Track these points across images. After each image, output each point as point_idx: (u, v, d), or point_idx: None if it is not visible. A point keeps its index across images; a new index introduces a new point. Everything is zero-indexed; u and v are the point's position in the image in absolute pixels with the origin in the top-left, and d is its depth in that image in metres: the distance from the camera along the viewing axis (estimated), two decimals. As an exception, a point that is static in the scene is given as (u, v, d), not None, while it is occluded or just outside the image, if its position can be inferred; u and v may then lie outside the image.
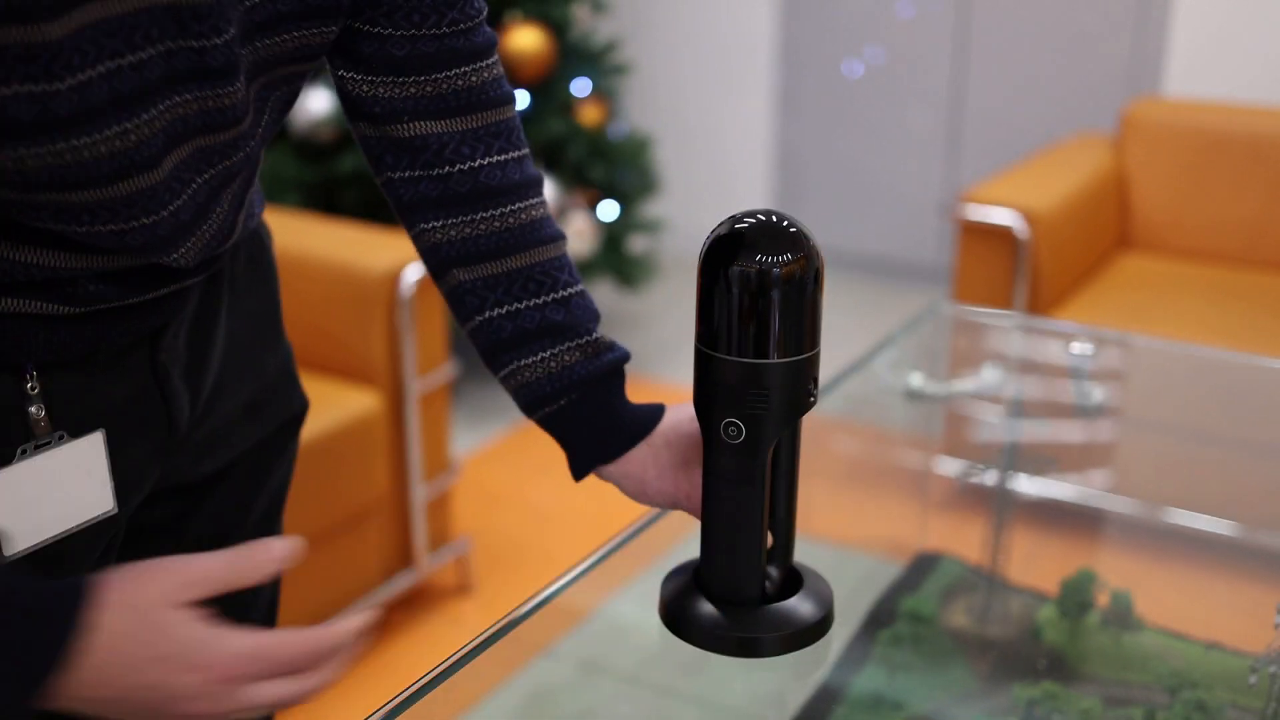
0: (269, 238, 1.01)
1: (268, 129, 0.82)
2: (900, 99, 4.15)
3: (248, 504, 0.99)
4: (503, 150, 0.89)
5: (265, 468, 1.00)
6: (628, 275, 3.47)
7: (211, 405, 0.91)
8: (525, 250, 0.89)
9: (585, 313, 0.91)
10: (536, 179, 0.91)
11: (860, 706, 1.09)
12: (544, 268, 0.90)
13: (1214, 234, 3.08)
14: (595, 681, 1.16)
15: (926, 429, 1.65)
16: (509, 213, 0.89)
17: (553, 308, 0.89)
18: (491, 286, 0.90)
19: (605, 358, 0.91)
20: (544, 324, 0.89)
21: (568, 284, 0.90)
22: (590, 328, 0.91)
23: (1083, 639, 1.18)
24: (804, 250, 0.76)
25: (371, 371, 2.22)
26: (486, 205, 0.88)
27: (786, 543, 0.85)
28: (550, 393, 0.91)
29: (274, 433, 0.99)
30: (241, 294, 0.93)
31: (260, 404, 0.97)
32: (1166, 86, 3.65)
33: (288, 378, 1.01)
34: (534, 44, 3.19)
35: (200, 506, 0.95)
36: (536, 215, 0.90)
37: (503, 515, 2.77)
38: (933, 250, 4.19)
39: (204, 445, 0.91)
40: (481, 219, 0.89)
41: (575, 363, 0.90)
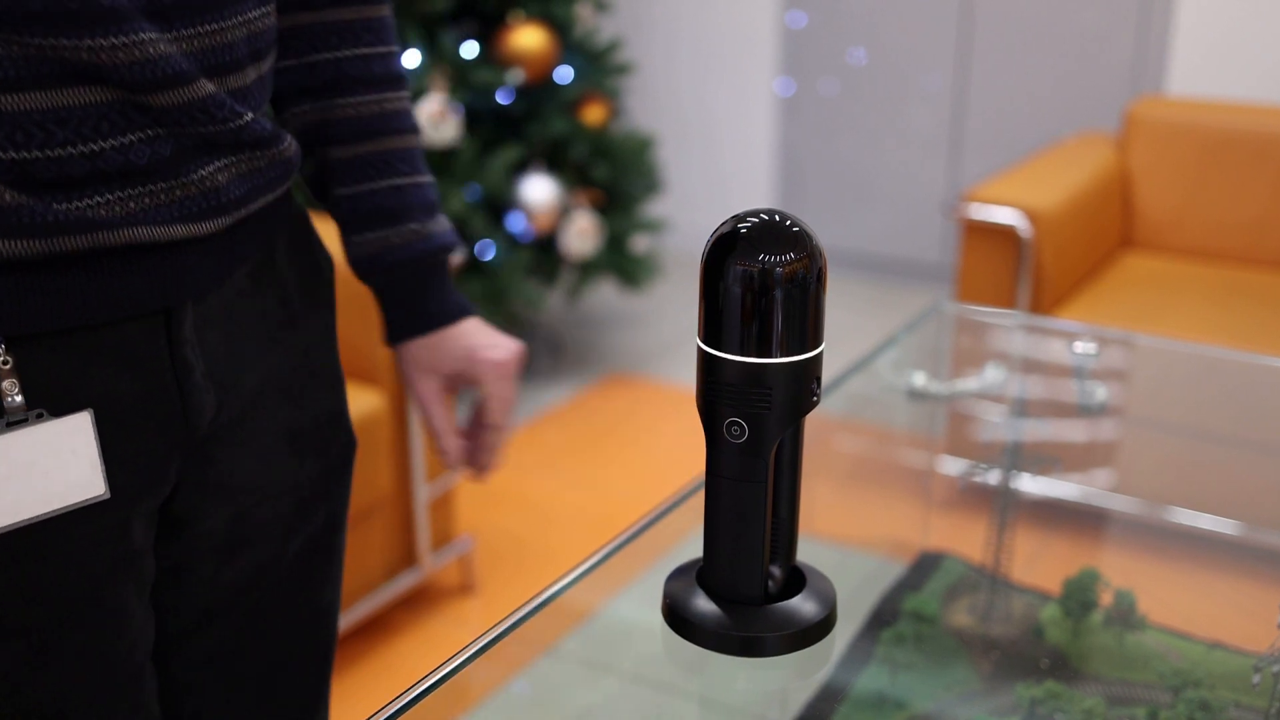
0: (329, 269, 1.02)
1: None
2: (903, 98, 4.14)
3: (278, 547, 0.98)
4: (370, 44, 0.98)
5: (302, 512, 0.98)
6: (630, 274, 3.47)
7: (246, 419, 0.90)
8: (384, 137, 0.99)
9: (428, 200, 1.02)
10: (401, 76, 1.01)
11: (863, 706, 1.09)
12: (400, 154, 1.00)
13: (1217, 233, 3.08)
14: (598, 680, 1.16)
15: (929, 428, 1.65)
16: (370, 101, 0.98)
17: (408, 191, 1.00)
18: (349, 166, 0.99)
19: (435, 242, 1.02)
20: (396, 204, 1.00)
21: (415, 172, 1.01)
22: (419, 216, 1.02)
23: (1086, 638, 1.18)
24: (807, 249, 0.76)
25: (374, 371, 2.22)
26: (349, 93, 0.97)
27: (789, 542, 0.85)
28: (382, 268, 1.02)
29: (320, 472, 0.98)
30: (296, 314, 0.94)
31: (299, 436, 0.96)
32: (1170, 85, 3.65)
33: (336, 418, 1.00)
34: (536, 43, 3.19)
35: (225, 540, 0.93)
36: (397, 108, 1.00)
37: (505, 515, 2.77)
38: (935, 249, 4.19)
39: (233, 460, 0.90)
40: (341, 105, 0.97)
41: (405, 243, 1.01)
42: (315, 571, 1.01)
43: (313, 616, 1.03)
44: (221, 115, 0.81)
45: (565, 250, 3.27)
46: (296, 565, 0.99)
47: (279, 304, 0.92)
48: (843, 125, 4.28)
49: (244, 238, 0.87)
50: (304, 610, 1.02)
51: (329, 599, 1.05)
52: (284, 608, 1.00)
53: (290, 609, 1.00)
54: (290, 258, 0.94)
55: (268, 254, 0.91)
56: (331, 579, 1.04)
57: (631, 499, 2.79)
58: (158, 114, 0.77)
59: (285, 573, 0.98)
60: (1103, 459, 1.69)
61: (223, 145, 0.82)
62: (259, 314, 0.90)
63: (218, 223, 0.82)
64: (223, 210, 0.83)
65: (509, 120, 3.29)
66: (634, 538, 1.07)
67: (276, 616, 0.99)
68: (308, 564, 1.00)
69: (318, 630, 1.04)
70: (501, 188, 3.16)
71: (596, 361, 3.67)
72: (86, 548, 0.81)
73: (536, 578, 2.45)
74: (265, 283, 0.91)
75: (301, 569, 1.00)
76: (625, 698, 1.17)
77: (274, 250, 0.92)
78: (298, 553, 0.99)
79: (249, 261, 0.89)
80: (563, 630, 1.08)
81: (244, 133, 0.83)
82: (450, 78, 3.13)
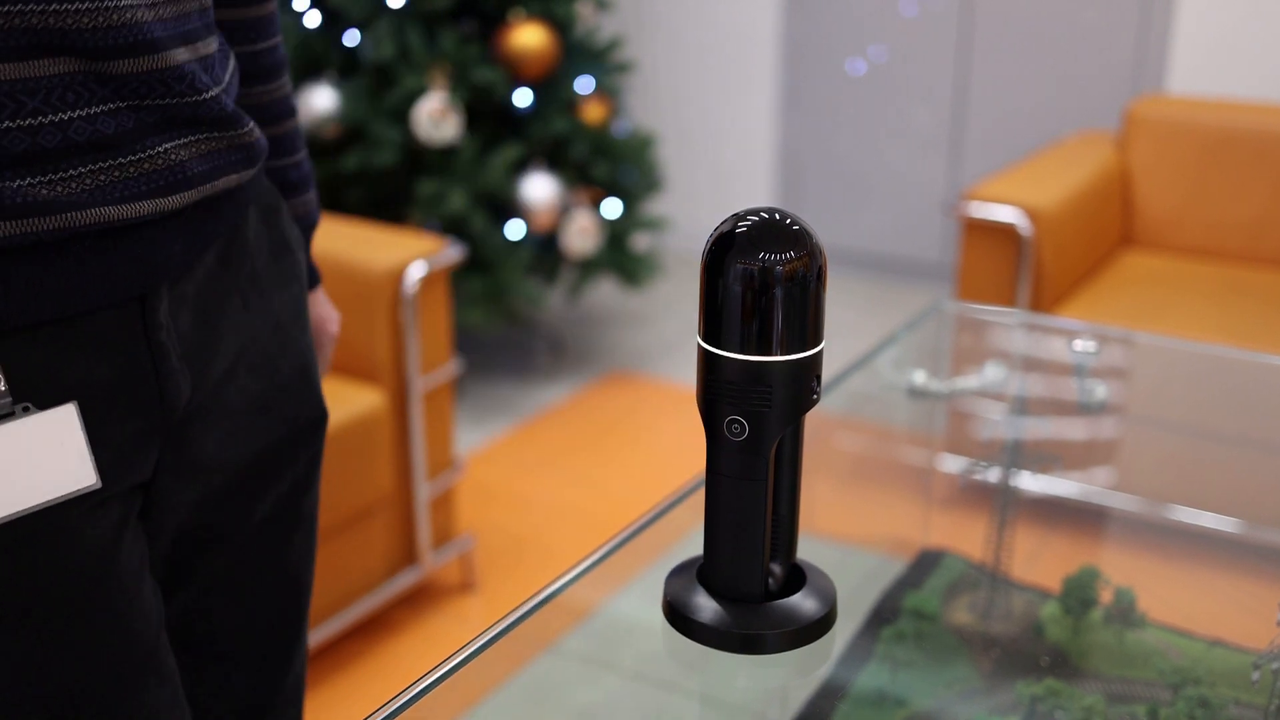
0: (299, 246, 1.05)
1: None
2: (903, 96, 4.14)
3: (243, 511, 0.99)
4: (271, 35, 1.04)
5: (266, 476, 1.00)
6: (631, 273, 3.47)
7: (219, 395, 0.92)
8: (278, 121, 1.06)
9: (308, 176, 1.12)
10: (286, 61, 1.08)
11: (863, 703, 1.09)
12: (289, 136, 1.08)
13: (1218, 231, 3.08)
14: (599, 678, 1.16)
15: (929, 426, 1.65)
16: (272, 89, 1.05)
17: (291, 169, 1.08)
18: None
19: (314, 217, 1.13)
20: (285, 181, 1.08)
21: (300, 149, 1.10)
22: (310, 188, 1.12)
23: (1085, 636, 1.18)
24: (807, 248, 0.76)
25: (375, 369, 2.22)
26: (258, 82, 1.04)
27: (789, 540, 0.86)
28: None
29: (279, 441, 0.99)
30: (265, 290, 0.96)
31: (268, 406, 0.98)
32: (1170, 84, 3.64)
33: (304, 385, 1.02)
34: (537, 42, 3.19)
35: (196, 505, 0.95)
36: (287, 92, 1.08)
37: (506, 512, 2.78)
38: (936, 248, 4.19)
39: (207, 435, 0.92)
40: (251, 94, 1.04)
41: (298, 216, 1.10)
42: (281, 536, 1.03)
43: (281, 583, 1.05)
44: (180, 88, 0.82)
45: (566, 248, 3.27)
46: (263, 529, 1.01)
47: (249, 281, 0.94)
48: (843, 124, 4.28)
49: (211, 218, 0.89)
50: (270, 575, 1.03)
51: (298, 568, 1.06)
52: (250, 572, 1.01)
53: (257, 574, 1.02)
54: (259, 235, 0.97)
55: (236, 233, 0.94)
56: (298, 546, 1.05)
57: (632, 497, 2.79)
58: (120, 85, 0.79)
59: (250, 537, 1.00)
60: (1103, 457, 1.69)
61: (182, 121, 0.84)
62: (229, 293, 0.92)
63: (182, 197, 0.84)
64: (187, 184, 0.84)
65: (509, 119, 3.29)
66: (634, 535, 1.07)
67: (244, 581, 1.01)
68: (274, 528, 1.02)
69: (287, 598, 1.06)
70: (502, 186, 3.16)
71: (597, 360, 3.68)
72: (80, 532, 0.82)
73: (537, 575, 2.45)
74: (234, 261, 0.93)
75: (268, 533, 1.01)
76: (626, 695, 1.18)
77: (242, 228, 0.95)
78: (265, 517, 1.01)
79: (218, 241, 0.91)
80: (563, 628, 1.08)
81: (203, 109, 0.85)
82: (451, 76, 3.13)
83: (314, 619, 2.13)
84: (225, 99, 0.88)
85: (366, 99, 3.16)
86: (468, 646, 0.91)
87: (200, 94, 0.84)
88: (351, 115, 3.15)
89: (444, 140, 3.09)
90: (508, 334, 3.70)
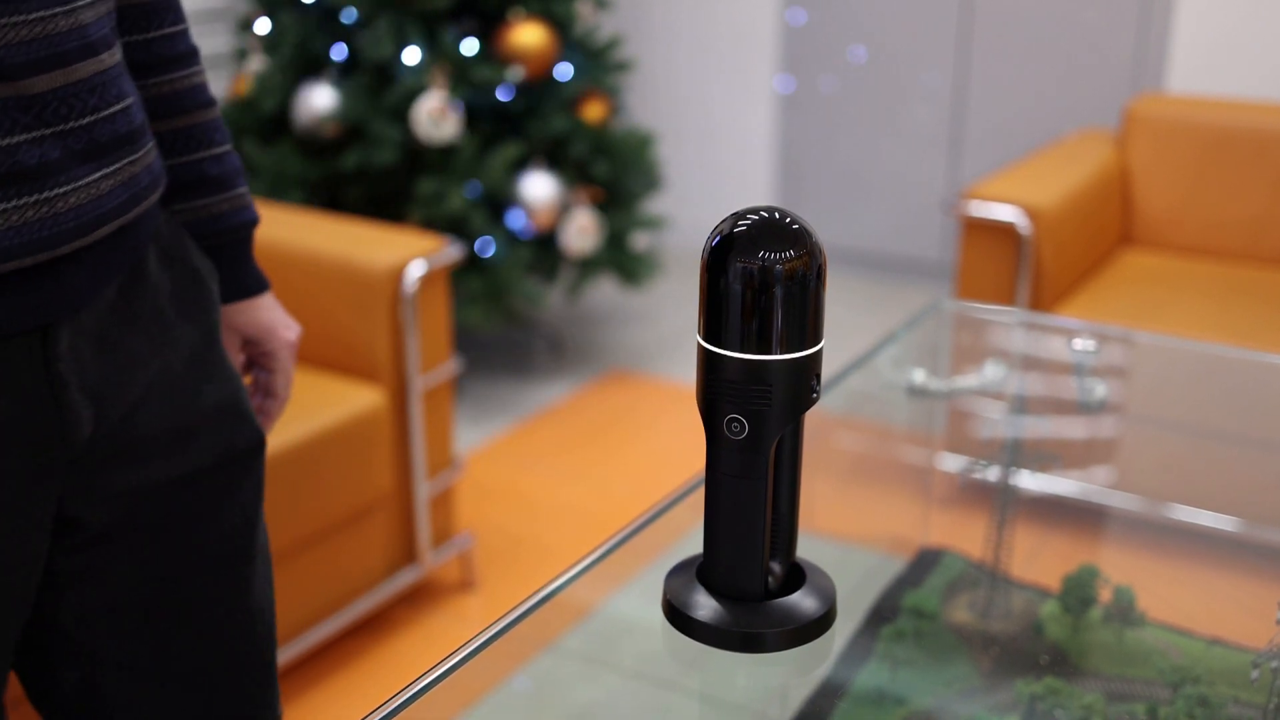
0: (211, 277, 1.02)
1: None
2: (902, 95, 4.14)
3: (188, 546, 0.97)
4: (173, 23, 1.01)
5: (207, 507, 0.98)
6: (630, 272, 3.47)
7: (129, 424, 0.90)
8: (189, 112, 1.02)
9: (234, 170, 1.06)
10: (196, 50, 1.04)
11: (863, 702, 1.09)
12: (204, 128, 1.03)
13: (1217, 230, 3.08)
14: (598, 677, 1.16)
15: (929, 425, 1.65)
16: (177, 79, 1.01)
17: (209, 163, 1.03)
18: (160, 142, 1.00)
19: (246, 215, 1.07)
20: (202, 176, 1.03)
21: (221, 142, 1.05)
22: (238, 183, 1.06)
23: (1085, 635, 1.18)
24: (806, 247, 0.76)
25: (375, 368, 2.22)
26: (157, 72, 1.00)
27: (789, 538, 0.86)
28: (200, 235, 1.03)
29: (211, 468, 0.98)
30: (171, 323, 0.94)
31: (191, 433, 0.95)
32: (1170, 82, 3.64)
33: (232, 412, 1.00)
34: (536, 40, 3.19)
35: (126, 540, 0.94)
36: (197, 82, 1.03)
37: (506, 511, 2.78)
38: (935, 247, 4.19)
39: (118, 464, 0.90)
40: (154, 84, 1.00)
41: (223, 213, 1.05)
42: (234, 571, 1.01)
43: (241, 621, 1.03)
44: (94, 103, 0.82)
45: (565, 247, 3.27)
46: (213, 564, 0.99)
47: (153, 315, 0.92)
48: (843, 122, 4.28)
49: (117, 251, 0.88)
50: (227, 612, 1.02)
51: (258, 602, 1.04)
52: (205, 610, 1.00)
53: (213, 611, 1.00)
54: (162, 268, 0.95)
55: (138, 266, 0.92)
56: (252, 579, 1.03)
57: (632, 496, 2.79)
58: (40, 109, 0.77)
59: (199, 571, 0.98)
60: (1102, 456, 1.69)
61: (103, 145, 0.82)
62: (132, 324, 0.90)
63: (99, 233, 0.83)
64: (104, 219, 0.83)
65: (509, 117, 3.29)
66: (634, 534, 1.07)
67: (200, 619, 1.00)
68: (226, 563, 1.01)
69: (251, 634, 1.04)
70: (502, 185, 3.16)
71: (596, 358, 3.68)
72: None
73: (537, 574, 2.45)
74: (137, 295, 0.91)
75: (219, 568, 1.00)
76: (626, 694, 1.18)
77: (144, 262, 0.92)
78: (213, 552, 0.99)
79: (121, 274, 0.89)
80: (563, 626, 1.08)
81: (120, 122, 0.84)
82: (450, 75, 3.13)
83: (314, 617, 2.13)
84: (136, 108, 0.87)
85: (366, 98, 3.16)
86: (467, 645, 0.91)
87: (113, 105, 0.83)
88: (351, 114, 3.15)
89: (444, 139, 3.09)
90: (507, 333, 3.70)
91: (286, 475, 2.01)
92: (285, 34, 3.21)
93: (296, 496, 2.05)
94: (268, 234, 2.36)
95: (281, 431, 2.02)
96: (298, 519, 2.06)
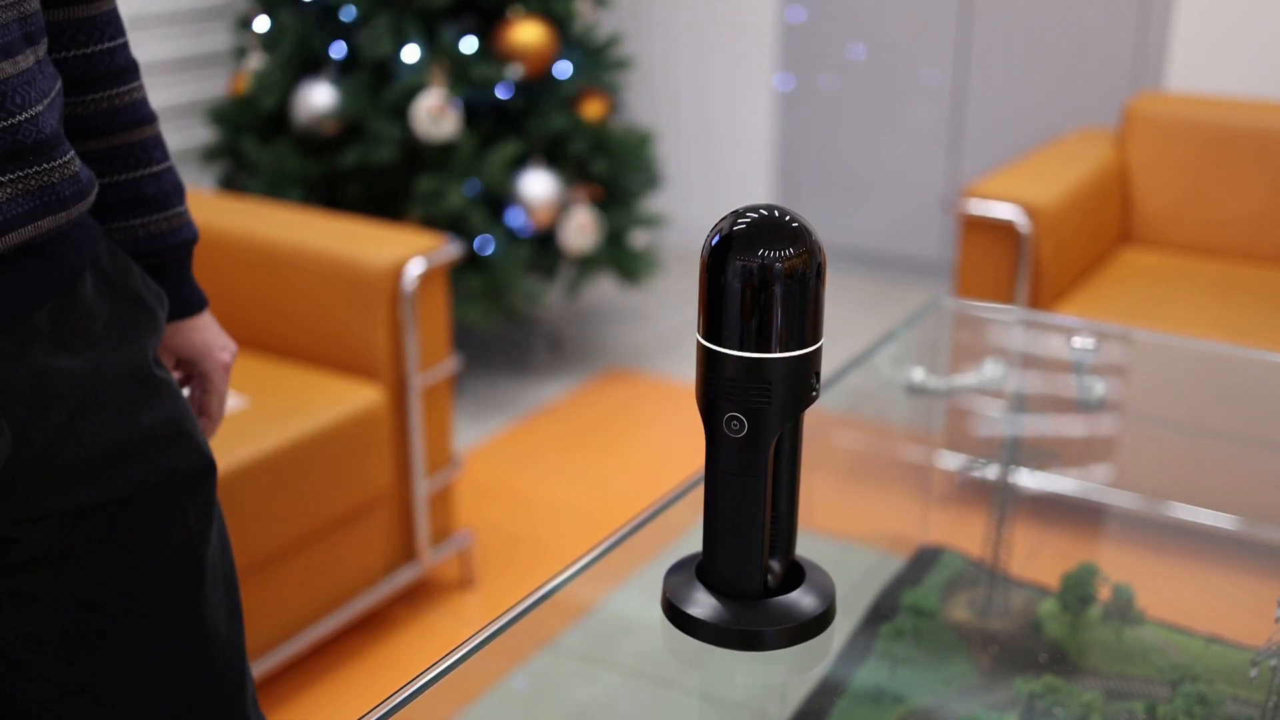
0: (159, 303, 1.00)
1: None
2: (902, 93, 4.14)
3: (128, 567, 0.96)
4: (112, 38, 0.98)
5: (146, 530, 0.96)
6: (629, 270, 3.47)
7: (56, 447, 0.88)
8: (127, 129, 1.00)
9: (173, 187, 1.04)
10: (135, 65, 1.01)
11: (862, 700, 1.09)
12: (142, 145, 1.01)
13: (1216, 229, 3.08)
14: (598, 675, 1.16)
15: (928, 424, 1.65)
16: (115, 95, 0.99)
17: (147, 181, 1.01)
18: (96, 159, 0.98)
19: (184, 234, 1.05)
20: (138, 195, 1.01)
21: (160, 160, 1.02)
22: (175, 202, 1.04)
23: (1084, 633, 1.18)
24: (806, 245, 0.76)
25: (374, 366, 2.22)
26: (96, 88, 0.98)
27: (788, 537, 0.86)
28: (137, 254, 1.02)
29: (150, 490, 0.96)
30: (108, 348, 0.92)
31: (127, 456, 0.94)
32: (1169, 81, 3.64)
33: (172, 436, 0.97)
34: (536, 38, 3.19)
35: (64, 563, 0.92)
36: (137, 98, 1.01)
37: (505, 509, 2.78)
38: (934, 245, 4.19)
39: (47, 487, 0.89)
40: (92, 100, 0.98)
41: (161, 233, 1.03)
42: (180, 593, 0.99)
43: (196, 646, 1.00)
44: (6, 108, 0.80)
45: (564, 245, 3.27)
46: (156, 586, 0.97)
47: (86, 341, 0.90)
48: (842, 120, 4.27)
49: (37, 277, 0.86)
50: (178, 636, 0.99)
51: (214, 629, 1.01)
52: (153, 634, 0.98)
53: (161, 635, 0.98)
54: (100, 295, 0.92)
55: (70, 293, 0.89)
56: (202, 603, 1.00)
57: (631, 494, 2.79)
58: None
59: (142, 594, 0.96)
60: (1101, 454, 1.69)
61: (4, 154, 0.80)
62: (62, 349, 0.88)
63: (2, 244, 0.80)
64: (4, 228, 0.80)
65: (508, 115, 3.29)
66: (633, 532, 1.07)
67: (148, 643, 0.98)
68: (170, 585, 0.98)
69: (208, 662, 1.01)
70: (501, 183, 3.16)
71: (595, 356, 3.67)
72: None
73: (536, 572, 2.45)
74: (68, 322, 0.89)
75: (163, 590, 0.98)
76: (625, 692, 1.18)
77: (78, 288, 0.90)
78: (155, 573, 0.97)
79: (47, 301, 0.87)
80: (562, 625, 1.08)
81: (22, 132, 0.81)
82: (449, 73, 3.12)
83: (313, 615, 2.13)
84: (46, 118, 0.84)
85: (365, 95, 3.16)
86: (466, 643, 0.91)
87: (14, 116, 0.81)
88: (350, 112, 3.14)
89: (443, 137, 3.08)
90: (506, 331, 3.70)
91: (285, 473, 2.01)
92: (284, 32, 3.21)
93: (296, 494, 2.05)
94: (267, 232, 2.37)
95: (280, 429, 2.02)
96: (297, 517, 2.06)
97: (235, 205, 2.63)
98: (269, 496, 1.99)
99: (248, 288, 2.31)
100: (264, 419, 2.04)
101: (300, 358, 2.29)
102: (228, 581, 1.04)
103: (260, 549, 1.97)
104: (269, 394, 2.13)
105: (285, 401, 2.10)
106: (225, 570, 1.04)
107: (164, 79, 3.32)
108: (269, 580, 2.01)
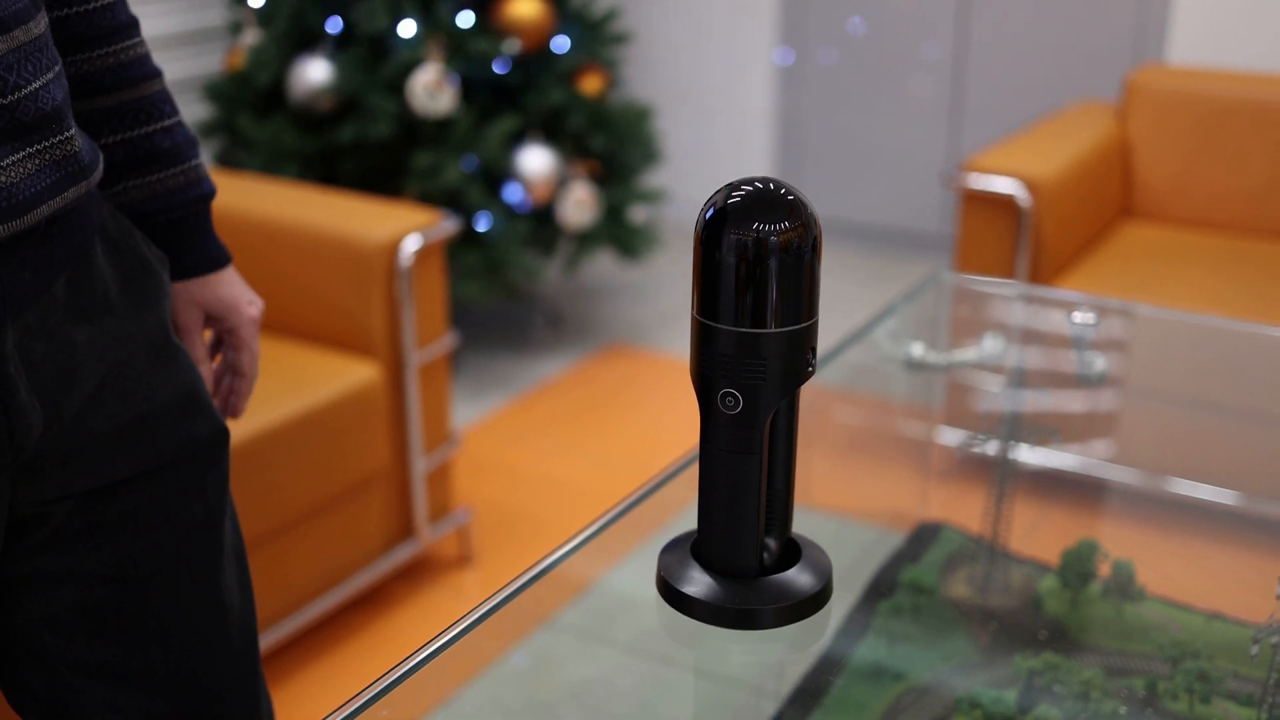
0: (162, 265, 0.99)
1: None
2: (902, 67, 4.12)
3: (151, 543, 0.96)
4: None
5: (169, 503, 0.96)
6: (628, 245, 3.46)
7: (83, 421, 0.88)
8: (135, 84, 0.99)
9: (187, 142, 1.03)
10: (136, 21, 1.00)
11: (860, 677, 1.09)
12: (151, 100, 1.00)
13: (1218, 202, 3.06)
14: (594, 652, 1.15)
15: (927, 399, 1.64)
16: (120, 49, 0.98)
17: (159, 135, 1.00)
18: (106, 117, 0.98)
19: (203, 187, 1.04)
20: (152, 150, 1.00)
21: (170, 114, 1.02)
22: (191, 155, 1.03)
23: (1084, 609, 1.17)
24: (801, 218, 0.75)
25: (371, 342, 2.21)
26: (100, 44, 0.97)
27: (785, 514, 0.85)
28: (157, 210, 1.01)
29: (172, 463, 0.96)
30: (123, 316, 0.92)
31: (149, 427, 0.93)
32: (1171, 54, 3.62)
33: (190, 404, 0.97)
34: (533, 12, 3.17)
35: (87, 540, 0.92)
36: (141, 53, 1.00)
37: (503, 486, 2.77)
38: (934, 219, 4.18)
39: (74, 463, 0.89)
40: (98, 55, 0.97)
41: (179, 186, 1.02)
42: (202, 567, 0.99)
43: (215, 619, 1.00)
44: (15, 80, 0.79)
45: (563, 221, 3.25)
46: (179, 561, 0.97)
47: (103, 309, 0.90)
48: (842, 95, 4.25)
49: (58, 248, 0.85)
50: (199, 611, 0.99)
51: (230, 600, 1.02)
52: (175, 609, 0.98)
53: (183, 610, 0.98)
54: (110, 260, 0.92)
55: (84, 260, 0.89)
56: (221, 576, 1.01)
57: (629, 470, 2.79)
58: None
59: (165, 568, 0.96)
60: (1102, 429, 1.68)
61: (13, 129, 0.80)
62: (82, 321, 0.88)
63: (15, 224, 0.80)
64: (20, 209, 0.80)
65: (506, 90, 3.27)
66: (630, 509, 1.07)
67: (169, 619, 0.98)
68: (192, 560, 0.99)
69: (225, 634, 1.01)
70: (499, 158, 3.14)
71: (594, 332, 3.67)
72: None
73: (533, 549, 2.44)
74: (85, 290, 0.89)
75: (185, 565, 0.98)
76: (622, 670, 1.17)
77: (91, 256, 0.90)
78: (178, 548, 0.97)
79: (66, 268, 0.87)
80: (559, 602, 1.08)
81: (35, 103, 0.81)
82: (446, 47, 3.10)
83: (311, 593, 2.13)
84: (56, 87, 0.84)
85: (361, 70, 3.14)
86: (464, 620, 0.91)
87: (33, 82, 0.80)
88: (346, 87, 3.13)
89: (440, 112, 3.07)
90: (504, 307, 3.69)
91: (283, 451, 2.00)
92: (280, 7, 3.18)
93: (293, 471, 2.04)
94: (263, 208, 2.35)
95: (277, 407, 2.01)
96: (295, 494, 2.05)
97: (231, 181, 2.61)
98: (266, 474, 1.98)
99: (244, 264, 2.28)
100: (260, 396, 2.02)
101: (297, 334, 2.28)
102: (238, 553, 1.04)
103: (258, 527, 1.96)
104: (265, 371, 2.10)
105: (282, 379, 2.09)
106: (236, 542, 1.04)
107: (159, 55, 3.29)
108: (267, 558, 2.00)
